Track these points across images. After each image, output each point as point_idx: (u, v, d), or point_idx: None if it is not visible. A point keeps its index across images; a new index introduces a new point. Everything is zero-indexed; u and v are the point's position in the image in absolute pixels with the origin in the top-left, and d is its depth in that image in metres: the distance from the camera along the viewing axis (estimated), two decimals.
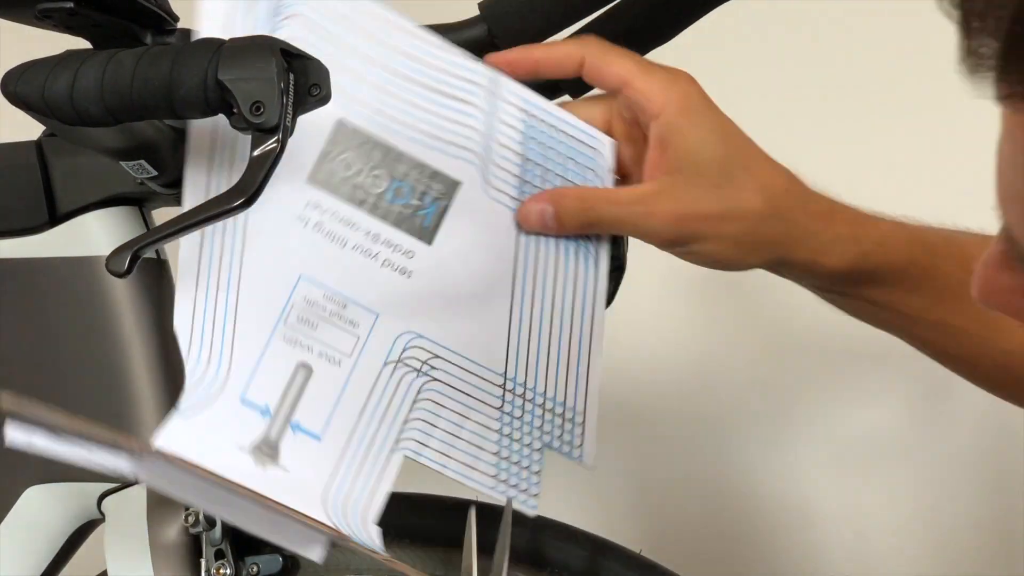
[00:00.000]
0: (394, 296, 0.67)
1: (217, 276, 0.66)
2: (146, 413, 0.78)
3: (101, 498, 0.78)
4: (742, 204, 0.68)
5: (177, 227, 0.60)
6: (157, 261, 0.81)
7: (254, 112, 0.58)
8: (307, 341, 0.66)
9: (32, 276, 0.80)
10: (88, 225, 0.79)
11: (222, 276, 0.66)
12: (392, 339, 0.67)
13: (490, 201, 0.69)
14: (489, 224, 0.69)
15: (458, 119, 0.68)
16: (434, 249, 0.68)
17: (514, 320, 0.69)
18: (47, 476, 0.80)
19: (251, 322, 0.66)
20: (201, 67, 0.59)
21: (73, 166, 0.79)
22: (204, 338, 0.66)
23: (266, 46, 0.59)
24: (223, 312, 0.66)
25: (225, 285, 0.66)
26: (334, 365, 0.66)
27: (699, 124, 0.67)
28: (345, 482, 0.66)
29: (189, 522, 0.76)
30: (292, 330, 0.66)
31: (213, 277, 0.66)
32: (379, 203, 0.67)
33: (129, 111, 0.60)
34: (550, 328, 0.70)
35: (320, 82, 0.60)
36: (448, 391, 0.68)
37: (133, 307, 0.79)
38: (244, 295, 0.66)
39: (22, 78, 0.60)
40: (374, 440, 0.67)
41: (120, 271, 0.58)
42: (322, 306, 0.67)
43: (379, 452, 0.67)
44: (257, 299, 0.66)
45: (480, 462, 0.68)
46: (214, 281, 0.66)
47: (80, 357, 0.79)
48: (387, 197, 0.68)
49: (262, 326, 0.66)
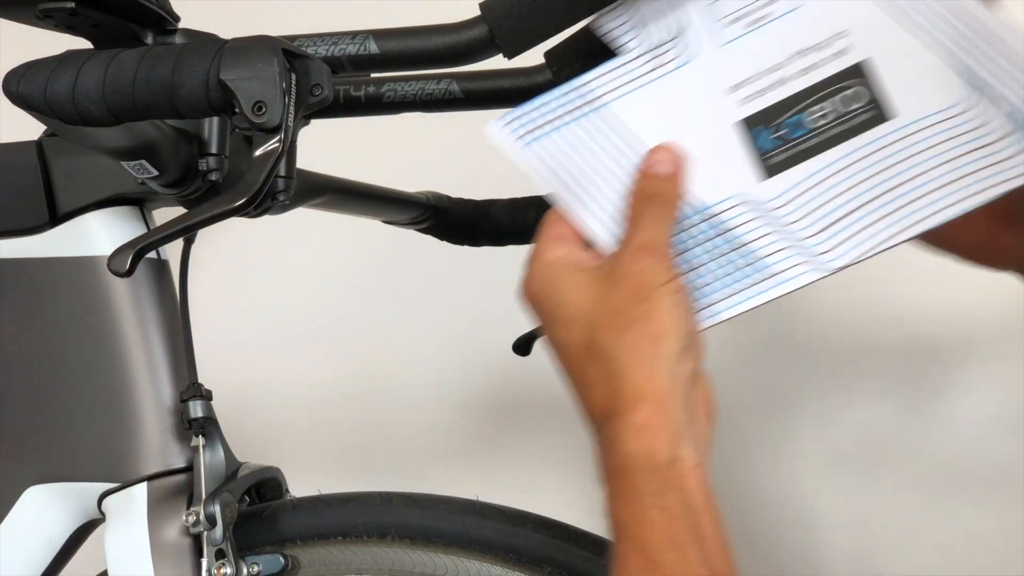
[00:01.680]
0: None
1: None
2: (148, 414, 0.78)
3: (101, 498, 0.78)
4: None
5: (179, 226, 0.60)
6: (158, 261, 0.81)
7: (256, 112, 0.58)
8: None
9: (33, 276, 0.80)
10: (89, 225, 0.79)
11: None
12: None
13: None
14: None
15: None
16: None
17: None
18: (47, 476, 0.80)
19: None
20: (203, 67, 0.59)
21: (74, 166, 0.79)
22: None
23: (268, 46, 0.59)
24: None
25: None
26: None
27: None
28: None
29: (190, 522, 0.76)
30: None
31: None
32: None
33: (131, 111, 0.60)
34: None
35: (321, 82, 0.60)
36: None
37: (134, 307, 0.79)
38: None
39: (24, 78, 0.60)
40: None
41: (122, 271, 0.58)
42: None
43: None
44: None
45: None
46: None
47: (81, 357, 0.79)
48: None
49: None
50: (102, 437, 0.78)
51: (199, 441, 0.78)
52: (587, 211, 0.68)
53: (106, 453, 0.78)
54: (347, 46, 0.68)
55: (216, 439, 0.79)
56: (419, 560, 0.78)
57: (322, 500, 0.80)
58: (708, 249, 0.68)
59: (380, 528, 0.78)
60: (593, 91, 0.69)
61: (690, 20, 0.69)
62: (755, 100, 0.68)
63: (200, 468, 0.77)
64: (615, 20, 0.70)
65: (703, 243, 0.68)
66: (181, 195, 0.74)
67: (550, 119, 0.69)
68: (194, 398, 0.78)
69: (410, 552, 0.78)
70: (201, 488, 0.76)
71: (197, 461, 0.77)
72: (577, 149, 0.69)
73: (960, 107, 0.66)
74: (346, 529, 0.78)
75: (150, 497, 0.76)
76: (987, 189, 0.65)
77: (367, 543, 0.78)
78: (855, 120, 0.67)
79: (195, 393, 0.78)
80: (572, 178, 0.69)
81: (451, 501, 0.79)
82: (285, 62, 0.58)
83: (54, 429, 0.80)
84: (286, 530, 0.79)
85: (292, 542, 0.79)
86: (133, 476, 0.77)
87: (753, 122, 0.68)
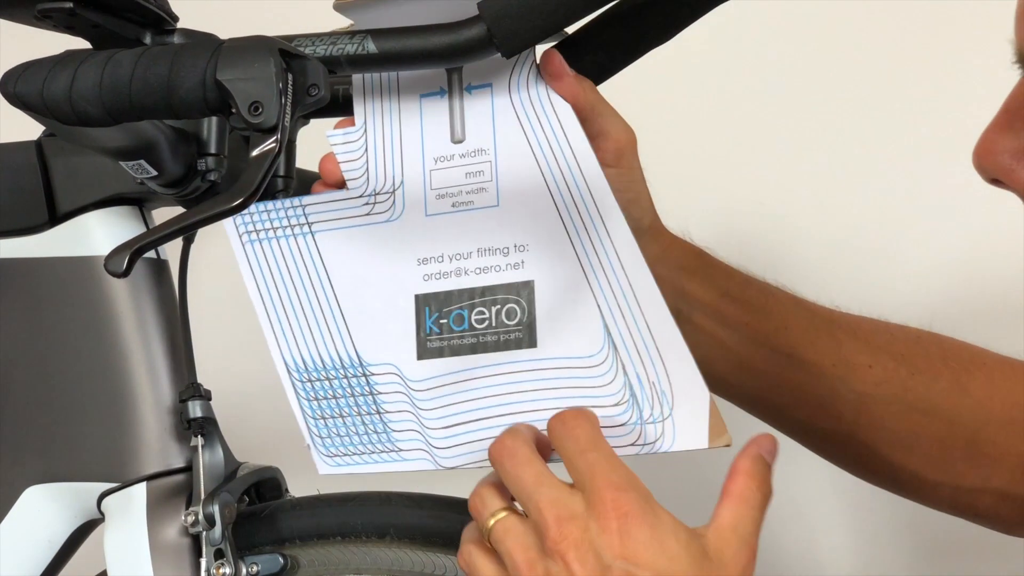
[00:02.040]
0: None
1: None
2: (147, 414, 0.78)
3: (101, 498, 0.78)
4: None
5: (177, 226, 0.60)
6: (157, 261, 0.81)
7: (252, 112, 0.58)
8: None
9: (32, 276, 0.80)
10: (88, 225, 0.79)
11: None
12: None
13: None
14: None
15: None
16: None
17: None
18: (46, 476, 0.80)
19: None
20: (200, 67, 0.59)
21: (73, 166, 0.79)
22: None
23: (264, 46, 0.59)
24: None
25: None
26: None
27: None
28: None
29: (189, 522, 0.76)
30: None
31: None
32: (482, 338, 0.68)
33: (128, 111, 0.60)
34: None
35: (318, 82, 0.60)
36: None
37: (133, 307, 0.79)
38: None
39: (21, 78, 0.60)
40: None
41: (119, 271, 0.58)
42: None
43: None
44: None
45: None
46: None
47: (80, 357, 0.79)
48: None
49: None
50: (101, 437, 0.78)
51: (198, 441, 0.77)
52: (273, 328, 0.71)
53: (105, 453, 0.78)
54: (345, 46, 0.67)
55: (215, 439, 0.78)
56: (419, 560, 0.77)
57: (321, 500, 0.80)
58: (356, 403, 0.70)
59: (379, 528, 0.78)
60: (308, 215, 0.71)
61: (404, 179, 0.69)
62: (435, 281, 0.68)
63: (199, 468, 0.77)
64: (352, 153, 0.70)
65: (354, 395, 0.70)
66: (180, 195, 0.74)
67: (267, 227, 0.71)
68: (193, 398, 0.78)
69: (410, 552, 0.78)
70: (200, 488, 0.76)
71: (196, 461, 0.77)
72: (279, 264, 0.71)
73: (595, 359, 0.66)
74: (345, 529, 0.78)
75: (149, 497, 0.76)
76: None
77: (366, 543, 0.78)
78: (506, 336, 0.67)
79: (194, 393, 0.78)
80: (272, 289, 0.71)
81: (451, 501, 0.78)
82: (282, 62, 0.58)
83: (53, 429, 0.80)
84: (285, 530, 0.79)
85: (291, 542, 0.79)
86: (132, 476, 0.77)
87: (426, 301, 0.69)
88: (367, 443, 0.71)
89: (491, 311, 0.67)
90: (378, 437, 0.70)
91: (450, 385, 0.68)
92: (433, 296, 0.68)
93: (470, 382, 0.68)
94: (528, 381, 0.67)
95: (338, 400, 0.71)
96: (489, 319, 0.67)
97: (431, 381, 0.69)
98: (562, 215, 0.66)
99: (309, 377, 0.71)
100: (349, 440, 0.71)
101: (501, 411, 0.67)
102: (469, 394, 0.68)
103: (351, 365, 0.70)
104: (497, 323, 0.67)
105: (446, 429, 0.69)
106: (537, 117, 0.67)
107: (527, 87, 0.68)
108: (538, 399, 0.67)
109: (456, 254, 0.68)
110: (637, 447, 0.66)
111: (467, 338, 0.68)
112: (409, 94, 0.69)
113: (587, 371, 0.66)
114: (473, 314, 0.68)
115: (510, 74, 0.68)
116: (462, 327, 0.68)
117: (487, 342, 0.68)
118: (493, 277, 0.68)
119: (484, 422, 0.68)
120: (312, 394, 0.72)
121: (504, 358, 0.67)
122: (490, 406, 0.68)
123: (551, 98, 0.67)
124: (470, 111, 0.69)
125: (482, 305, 0.68)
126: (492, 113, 0.68)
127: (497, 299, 0.67)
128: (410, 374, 0.69)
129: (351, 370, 0.70)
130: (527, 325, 0.67)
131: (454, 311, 0.68)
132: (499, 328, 0.67)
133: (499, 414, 0.67)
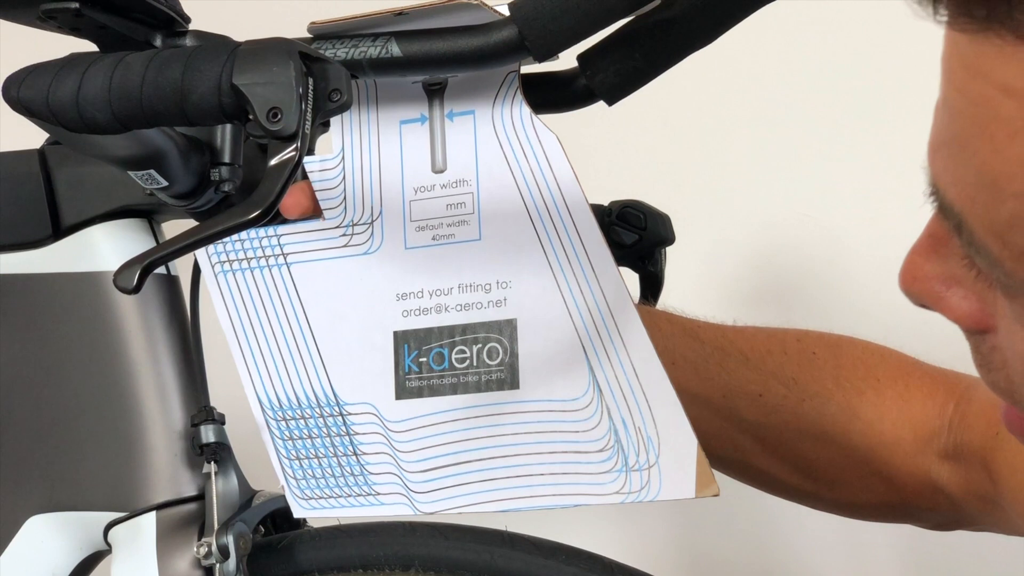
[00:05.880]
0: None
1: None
2: (157, 439, 0.77)
3: (107, 528, 0.77)
4: None
5: (189, 240, 0.58)
6: (168, 277, 0.80)
7: (271, 119, 0.56)
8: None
9: (35, 293, 0.80)
10: (94, 238, 0.79)
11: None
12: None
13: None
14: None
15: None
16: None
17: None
18: (50, 505, 0.79)
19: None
20: (215, 71, 0.57)
21: (78, 176, 0.79)
22: None
23: (283, 48, 0.57)
24: None
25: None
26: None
27: None
28: None
29: (201, 553, 0.74)
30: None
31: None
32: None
33: (138, 118, 0.58)
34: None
35: (340, 87, 0.58)
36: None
37: (142, 326, 0.78)
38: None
39: (25, 83, 0.58)
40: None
41: (129, 287, 0.56)
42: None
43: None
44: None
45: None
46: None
47: (86, 379, 0.78)
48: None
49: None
50: (108, 464, 0.78)
51: (211, 468, 0.77)
52: (246, 363, 0.70)
53: (112, 481, 0.77)
54: (368, 48, 0.66)
55: (229, 466, 0.78)
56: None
57: (342, 530, 0.79)
58: (331, 444, 0.69)
59: (403, 560, 0.77)
60: (284, 245, 0.69)
61: (383, 209, 0.68)
62: (414, 317, 0.67)
63: (212, 496, 0.76)
64: (330, 181, 0.68)
65: (330, 436, 0.69)
66: (192, 207, 0.73)
67: (240, 258, 0.70)
68: (206, 422, 0.77)
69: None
70: (213, 518, 0.75)
71: (209, 489, 0.76)
72: (253, 297, 0.70)
73: (579, 403, 0.65)
74: (367, 561, 0.77)
75: (159, 527, 0.76)
76: (568, 496, 0.66)
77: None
78: (487, 376, 0.66)
79: (207, 417, 0.78)
80: (246, 322, 0.70)
81: (478, 531, 0.77)
82: (302, 66, 0.56)
83: (57, 455, 0.79)
84: (303, 562, 0.78)
85: (310, 575, 0.78)
86: (141, 505, 0.76)
87: (404, 338, 0.67)
88: (343, 486, 0.70)
89: (472, 350, 0.66)
90: (355, 480, 0.70)
91: (429, 427, 0.67)
92: (412, 333, 0.67)
93: (452, 423, 0.67)
94: (510, 424, 0.66)
95: (313, 440, 0.70)
96: (470, 358, 0.66)
97: (410, 422, 0.68)
98: (546, 250, 0.65)
99: (284, 416, 0.70)
100: (325, 482, 0.70)
101: (482, 455, 0.67)
102: (449, 436, 0.67)
103: (327, 404, 0.69)
104: (478, 363, 0.66)
105: (425, 472, 0.68)
106: (521, 146, 0.66)
107: (511, 114, 0.66)
108: (520, 443, 0.66)
109: (436, 290, 0.67)
110: (622, 495, 0.65)
111: (447, 378, 0.67)
112: (388, 120, 0.68)
113: (571, 415, 0.65)
114: (454, 353, 0.67)
115: (493, 100, 0.66)
116: (442, 366, 0.67)
117: (468, 382, 0.66)
118: (474, 315, 0.66)
119: (464, 466, 0.67)
120: (287, 433, 0.70)
121: (485, 399, 0.66)
122: (470, 449, 0.67)
123: (535, 126, 0.66)
124: (452, 139, 0.67)
125: (463, 344, 0.66)
126: (475, 142, 0.67)
127: (479, 337, 0.66)
128: (388, 414, 0.68)
129: (327, 409, 0.69)
130: (509, 365, 0.66)
131: (434, 349, 0.67)
132: (480, 368, 0.66)
133: (480, 457, 0.67)
